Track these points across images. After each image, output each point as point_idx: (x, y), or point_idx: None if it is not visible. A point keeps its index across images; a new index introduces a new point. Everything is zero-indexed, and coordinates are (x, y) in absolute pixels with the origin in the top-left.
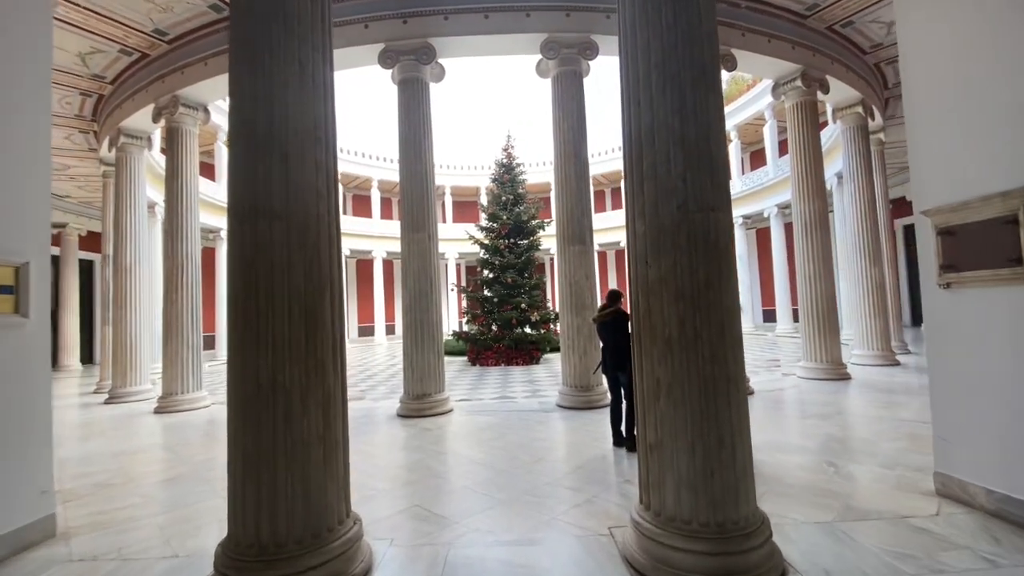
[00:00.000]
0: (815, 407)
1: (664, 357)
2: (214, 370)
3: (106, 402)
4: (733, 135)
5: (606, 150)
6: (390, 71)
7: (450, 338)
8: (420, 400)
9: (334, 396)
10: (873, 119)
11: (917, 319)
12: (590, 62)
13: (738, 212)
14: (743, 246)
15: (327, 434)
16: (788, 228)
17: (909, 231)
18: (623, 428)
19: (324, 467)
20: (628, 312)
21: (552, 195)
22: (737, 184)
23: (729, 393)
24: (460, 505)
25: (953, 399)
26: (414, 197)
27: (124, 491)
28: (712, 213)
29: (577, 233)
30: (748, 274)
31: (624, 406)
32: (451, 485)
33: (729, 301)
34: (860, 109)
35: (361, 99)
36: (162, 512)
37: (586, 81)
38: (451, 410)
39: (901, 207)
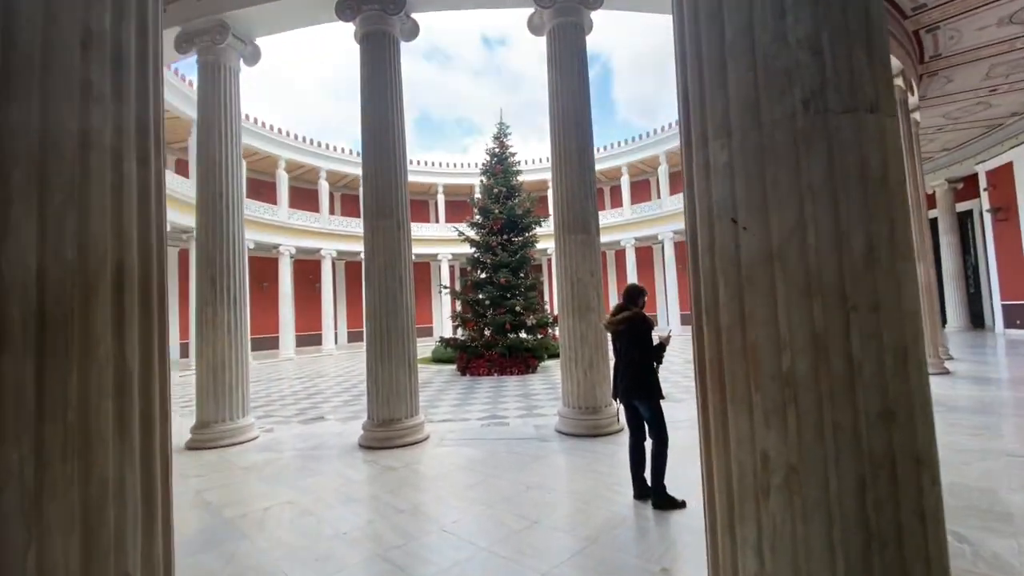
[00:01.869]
0: None
1: (778, 412)
2: (184, 380)
3: None
4: None
5: (599, 147)
6: (352, 24)
7: (438, 344)
8: (386, 427)
9: (123, 495)
10: (913, 94)
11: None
12: (592, 13)
13: None
14: None
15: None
16: None
17: (931, 225)
18: (647, 475)
19: None
20: (648, 316)
21: (550, 176)
22: None
23: (920, 491)
24: None
25: None
26: (380, 178)
27: None
28: (872, 116)
29: (579, 219)
30: None
31: (650, 445)
32: None
33: (910, 301)
34: (901, 81)
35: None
36: None
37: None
38: (426, 438)
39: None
